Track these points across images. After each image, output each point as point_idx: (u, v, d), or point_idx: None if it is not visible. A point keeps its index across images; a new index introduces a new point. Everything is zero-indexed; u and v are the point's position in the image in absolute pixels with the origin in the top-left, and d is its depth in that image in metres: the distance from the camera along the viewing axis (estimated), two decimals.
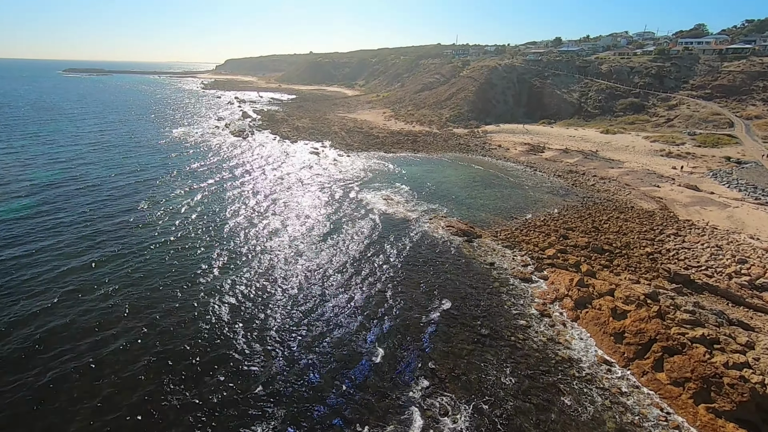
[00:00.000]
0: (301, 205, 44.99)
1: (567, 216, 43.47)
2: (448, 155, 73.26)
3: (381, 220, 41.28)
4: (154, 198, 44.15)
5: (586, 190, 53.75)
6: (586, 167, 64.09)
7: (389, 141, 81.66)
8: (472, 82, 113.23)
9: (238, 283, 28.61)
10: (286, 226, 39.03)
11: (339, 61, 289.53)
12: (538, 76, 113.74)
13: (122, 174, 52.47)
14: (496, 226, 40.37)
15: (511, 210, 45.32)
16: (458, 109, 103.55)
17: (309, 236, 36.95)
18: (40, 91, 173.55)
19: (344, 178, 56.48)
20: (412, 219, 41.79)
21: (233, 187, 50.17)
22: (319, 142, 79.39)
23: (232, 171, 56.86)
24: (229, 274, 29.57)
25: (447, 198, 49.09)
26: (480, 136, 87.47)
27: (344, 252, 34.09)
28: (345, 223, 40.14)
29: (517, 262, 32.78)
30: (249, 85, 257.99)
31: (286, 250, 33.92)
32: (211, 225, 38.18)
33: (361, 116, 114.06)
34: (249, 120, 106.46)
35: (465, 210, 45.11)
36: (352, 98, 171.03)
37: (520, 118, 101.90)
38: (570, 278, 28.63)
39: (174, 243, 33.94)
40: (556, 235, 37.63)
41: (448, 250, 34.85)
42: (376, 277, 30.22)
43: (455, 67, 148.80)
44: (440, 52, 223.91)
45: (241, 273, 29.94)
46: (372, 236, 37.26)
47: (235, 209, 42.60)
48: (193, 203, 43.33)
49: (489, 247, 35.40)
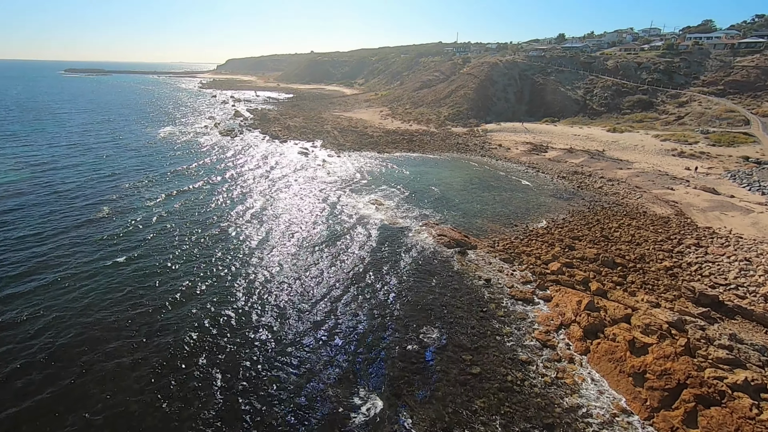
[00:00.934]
0: (276, 212, 40.94)
1: (573, 223, 39.25)
2: (445, 155, 69.12)
3: (365, 228, 37.22)
4: (119, 206, 40.05)
5: (593, 192, 49.50)
6: (593, 168, 59.79)
7: (384, 141, 77.58)
8: (472, 79, 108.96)
9: (197, 302, 24.67)
10: (254, 237, 34.99)
11: (338, 60, 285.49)
12: (540, 72, 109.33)
13: (93, 179, 48.44)
14: (494, 235, 36.23)
15: (511, 216, 41.15)
16: (457, 107, 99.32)
17: (278, 250, 32.91)
18: (34, 91, 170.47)
19: (331, 180, 52.44)
20: (400, 227, 37.70)
21: (206, 192, 46.15)
22: (310, 142, 75.44)
23: (209, 174, 52.85)
24: (191, 297, 25.63)
25: (441, 202, 44.98)
26: (480, 135, 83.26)
27: (315, 268, 30.02)
28: (323, 233, 36.08)
29: (516, 278, 28.62)
30: (247, 84, 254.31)
31: (247, 268, 29.92)
32: (168, 240, 34.21)
33: (357, 115, 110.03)
34: (240, 119, 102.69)
35: (460, 216, 40.98)
36: (350, 97, 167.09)
37: (521, 116, 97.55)
38: (578, 299, 24.48)
39: (130, 262, 30.00)
40: (560, 246, 33.43)
41: (438, 264, 30.74)
42: (350, 300, 26.14)
43: (455, 64, 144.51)
44: (441, 50, 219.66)
45: (196, 293, 25.99)
46: (352, 248, 33.19)
47: (201, 219, 38.57)
48: (157, 213, 39.24)
49: (485, 260, 31.25)
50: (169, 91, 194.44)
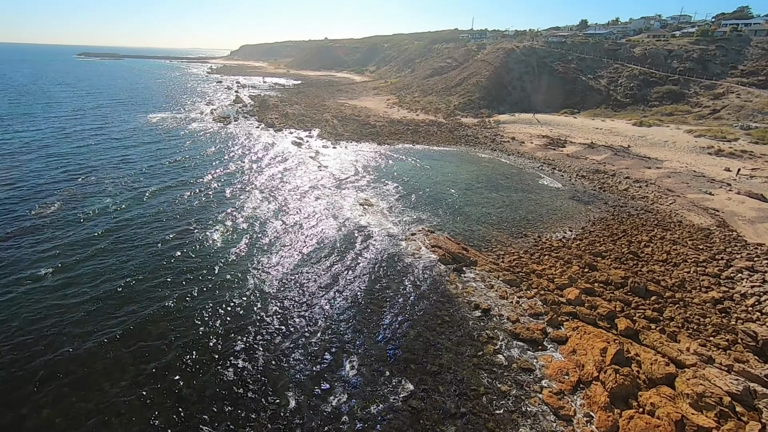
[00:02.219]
0: (242, 214, 35.69)
1: (594, 233, 33.14)
2: (451, 149, 62.97)
3: (346, 236, 31.75)
4: (71, 203, 35.43)
5: (618, 195, 43.11)
6: (617, 166, 53.07)
7: (386, 131, 71.61)
8: (486, 66, 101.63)
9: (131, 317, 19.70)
10: (204, 246, 29.86)
11: (350, 46, 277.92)
12: (560, 60, 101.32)
13: (57, 169, 43.79)
14: (499, 247, 30.42)
15: (520, 223, 35.19)
16: (468, 95, 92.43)
17: (237, 263, 27.73)
18: (41, 74, 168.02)
19: (320, 175, 46.99)
20: (388, 234, 32.12)
21: (177, 186, 41.03)
22: (306, 131, 69.94)
23: (187, 165, 47.84)
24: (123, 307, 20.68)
25: (440, 204, 39.19)
26: (491, 126, 76.61)
27: (275, 290, 24.76)
28: (295, 241, 30.74)
29: (522, 308, 22.90)
30: (257, 70, 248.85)
31: (188, 287, 24.80)
32: (112, 244, 29.28)
33: (362, 103, 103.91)
34: (239, 105, 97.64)
35: (461, 221, 35.18)
36: (359, 84, 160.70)
37: (538, 106, 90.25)
38: (602, 345, 18.75)
39: (57, 274, 25.18)
40: (579, 264, 27.52)
41: (426, 286, 25.16)
42: (309, 334, 20.84)
43: (469, 50, 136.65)
44: (456, 37, 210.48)
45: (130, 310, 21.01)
46: (325, 262, 27.77)
47: (155, 220, 33.55)
48: (114, 208, 34.44)
49: (485, 281, 25.55)
50: (176, 76, 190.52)
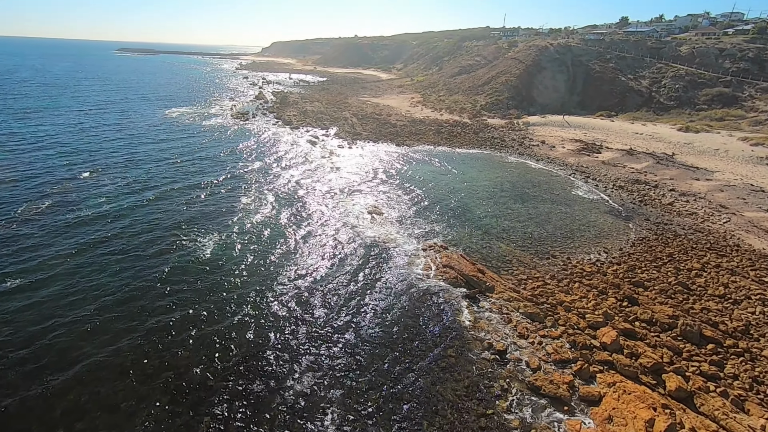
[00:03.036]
0: (245, 218, 33.03)
1: (634, 257, 28.69)
2: (475, 152, 58.80)
3: (347, 249, 28.54)
4: (62, 201, 33.67)
5: (661, 211, 38.14)
6: (660, 176, 47.69)
7: (407, 131, 68.06)
8: (517, 64, 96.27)
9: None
10: (203, 254, 27.25)
11: (378, 44, 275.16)
12: (598, 58, 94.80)
13: (60, 165, 42.51)
14: (521, 270, 26.50)
15: (548, 241, 31.05)
16: (496, 95, 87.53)
17: (220, 275, 24.99)
18: (77, 68, 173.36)
19: (331, 177, 44.02)
20: (394, 248, 28.72)
21: (175, 189, 38.79)
22: (324, 130, 67.27)
23: (192, 166, 45.47)
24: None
25: (458, 215, 35.43)
26: (519, 128, 71.76)
27: (254, 318, 21.83)
28: (289, 254, 27.76)
29: (546, 351, 19.06)
30: (285, 67, 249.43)
31: (165, 298, 22.16)
32: (102, 252, 27.11)
33: (385, 101, 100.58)
34: (261, 102, 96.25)
35: (479, 236, 31.36)
36: (385, 82, 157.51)
37: (572, 107, 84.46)
38: (647, 413, 14.81)
39: (25, 289, 23.13)
40: (617, 296, 23.35)
41: (432, 316, 21.63)
42: (285, 374, 17.75)
43: (500, 48, 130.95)
44: (487, 35, 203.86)
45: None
46: (317, 281, 24.63)
47: (155, 223, 31.32)
48: (107, 212, 32.46)
49: (502, 313, 21.77)
50: (205, 72, 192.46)
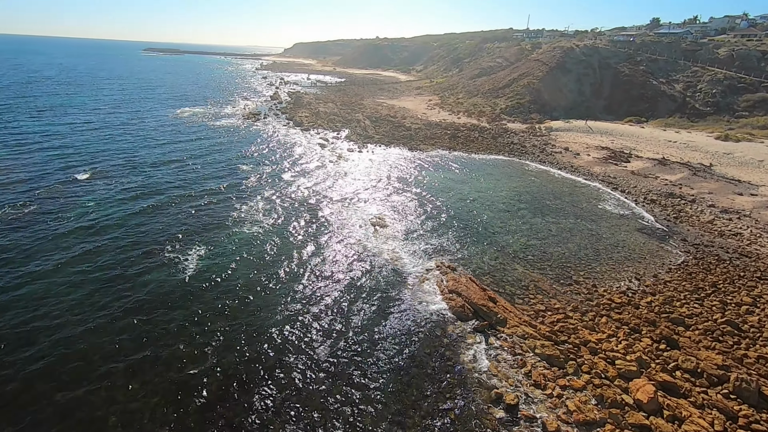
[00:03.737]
0: (238, 227, 30.61)
1: (671, 286, 24.98)
2: (492, 158, 55.32)
3: (344, 266, 25.74)
4: (45, 206, 32.03)
5: (700, 229, 34.07)
6: (697, 189, 43.34)
7: (421, 134, 64.98)
8: (540, 66, 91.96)
9: None
10: (186, 269, 24.87)
11: (398, 45, 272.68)
12: (627, 61, 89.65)
13: (55, 165, 41.30)
14: (539, 299, 23.18)
15: (570, 262, 27.57)
16: (518, 98, 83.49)
17: (199, 292, 22.52)
18: (100, 67, 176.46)
19: (335, 183, 41.37)
20: (398, 267, 25.77)
21: (174, 193, 36.81)
22: (335, 132, 64.82)
23: (189, 170, 43.32)
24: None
25: (470, 229, 32.22)
26: (541, 133, 67.76)
27: (222, 348, 19.22)
28: (278, 270, 25.13)
29: (567, 408, 15.77)
30: (305, 67, 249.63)
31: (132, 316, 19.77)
32: (82, 260, 25.04)
33: (402, 103, 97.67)
34: (275, 102, 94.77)
35: (492, 255, 28.12)
36: (403, 83, 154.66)
37: (598, 112, 79.78)
38: None
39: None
40: (652, 335, 19.84)
41: (432, 353, 18.57)
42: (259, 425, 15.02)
43: (522, 49, 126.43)
44: (510, 36, 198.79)
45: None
46: (304, 304, 21.91)
47: (142, 233, 29.23)
48: (91, 219, 30.56)
49: (515, 353, 18.56)
50: (225, 72, 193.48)
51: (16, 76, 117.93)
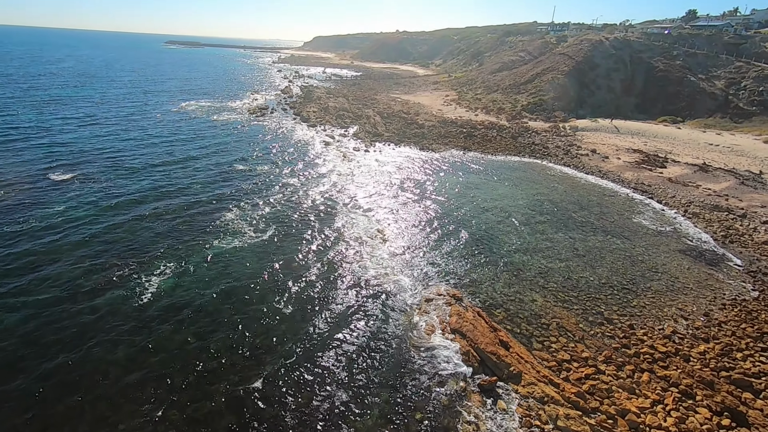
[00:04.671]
0: (216, 243, 27.10)
1: (728, 327, 20.29)
2: (512, 160, 50.59)
3: (334, 293, 21.89)
4: (17, 204, 29.25)
5: (755, 251, 28.98)
6: (747, 202, 37.86)
7: (434, 133, 60.51)
8: (565, 61, 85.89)
9: None
10: (148, 289, 21.46)
11: (417, 39, 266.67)
12: (662, 55, 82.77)
13: (38, 159, 38.88)
14: (562, 342, 18.86)
15: (600, 293, 23.07)
16: (540, 95, 77.88)
17: (168, 315, 19.05)
18: (118, 59, 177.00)
19: (337, 187, 37.52)
20: (395, 293, 21.81)
21: (154, 196, 33.66)
22: (342, 128, 60.97)
23: (185, 168, 40.30)
24: None
25: (482, 245, 27.95)
26: (566, 133, 62.39)
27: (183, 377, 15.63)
28: (252, 296, 21.47)
29: None
30: (322, 61, 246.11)
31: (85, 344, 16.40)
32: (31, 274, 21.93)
33: (417, 98, 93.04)
34: (285, 96, 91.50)
35: (506, 280, 23.83)
36: (420, 78, 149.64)
37: (628, 111, 73.64)
38: None
39: None
40: (710, 404, 15.37)
41: (425, 419, 14.64)
42: None
43: (547, 43, 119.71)
44: (533, 30, 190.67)
45: None
46: (267, 356, 18.21)
47: (108, 240, 26.02)
48: (61, 219, 27.58)
49: (531, 425, 14.42)
50: (242, 65, 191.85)
51: (33, 67, 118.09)
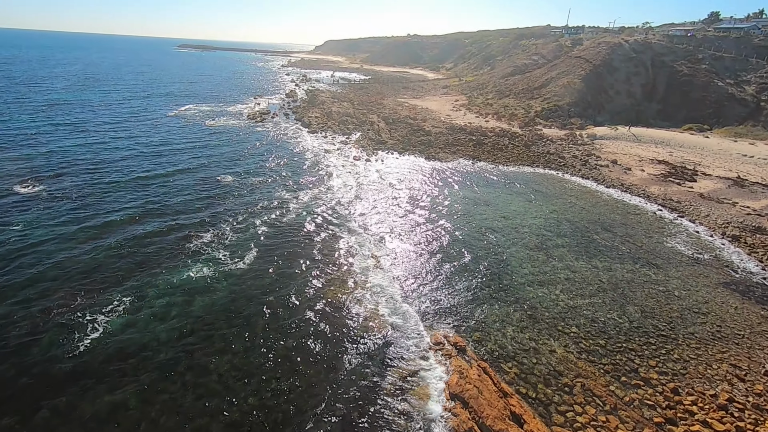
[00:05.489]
0: (185, 266, 23.86)
1: None
2: (524, 171, 46.73)
3: (309, 342, 18.40)
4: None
5: None
6: None
7: (442, 140, 56.86)
8: (582, 64, 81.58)
9: None
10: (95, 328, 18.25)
11: (428, 42, 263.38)
12: (686, 58, 78.01)
13: (15, 173, 36.28)
14: (589, 415, 15.08)
15: (632, 340, 19.17)
16: (555, 100, 73.71)
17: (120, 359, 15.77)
18: (126, 62, 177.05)
19: (330, 204, 34.11)
20: (387, 346, 18.25)
21: (124, 213, 30.75)
22: (344, 135, 57.67)
23: (166, 182, 37.58)
24: None
25: (491, 276, 24.23)
26: (583, 142, 58.19)
27: None
28: (210, 344, 18.11)
29: None
30: (332, 64, 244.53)
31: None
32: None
33: (425, 103, 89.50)
34: (289, 100, 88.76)
35: (519, 323, 20.09)
36: (430, 82, 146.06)
37: (651, 118, 69.11)
38: None
39: None
40: None
41: None
42: None
43: (561, 46, 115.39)
44: (547, 33, 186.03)
45: None
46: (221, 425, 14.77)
47: (57, 265, 22.96)
48: (15, 235, 24.65)
49: None
50: (251, 68, 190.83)
51: (41, 70, 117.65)
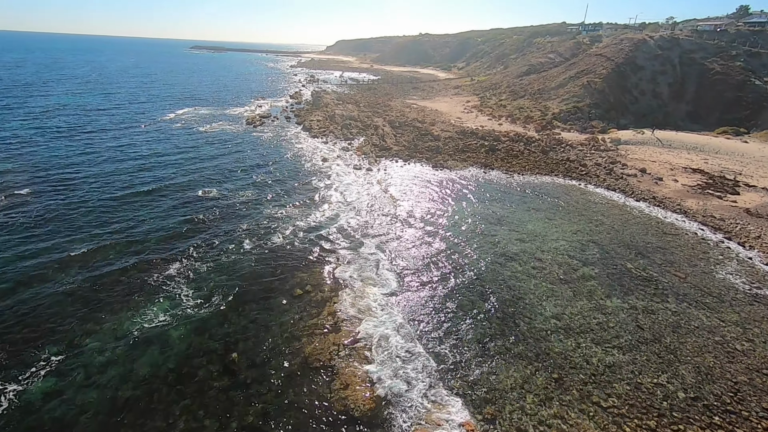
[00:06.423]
0: (144, 308, 20.22)
1: None
2: (543, 181, 42.26)
3: (277, 417, 14.62)
4: None
5: None
6: None
7: (451, 146, 52.60)
8: (602, 62, 76.31)
9: None
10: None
11: (439, 41, 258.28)
12: (718, 55, 72.29)
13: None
14: None
15: (689, 418, 14.87)
16: (575, 101, 68.73)
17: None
18: (135, 64, 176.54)
19: (322, 223, 30.28)
20: (366, 423, 14.34)
21: (96, 237, 27.38)
22: (347, 141, 53.86)
23: (147, 198, 34.14)
24: None
25: (506, 319, 20.04)
26: (606, 147, 53.29)
27: None
28: (157, 421, 14.38)
29: None
30: (341, 64, 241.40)
31: None
32: None
33: (435, 104, 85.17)
34: (293, 102, 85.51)
35: (543, 390, 15.89)
36: (441, 82, 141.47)
37: (680, 120, 63.78)
38: None
39: None
40: None
41: None
42: None
43: (579, 44, 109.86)
44: (563, 30, 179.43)
45: None
46: None
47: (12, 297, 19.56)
48: None
49: None
50: (260, 68, 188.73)
51: (46, 73, 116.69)
